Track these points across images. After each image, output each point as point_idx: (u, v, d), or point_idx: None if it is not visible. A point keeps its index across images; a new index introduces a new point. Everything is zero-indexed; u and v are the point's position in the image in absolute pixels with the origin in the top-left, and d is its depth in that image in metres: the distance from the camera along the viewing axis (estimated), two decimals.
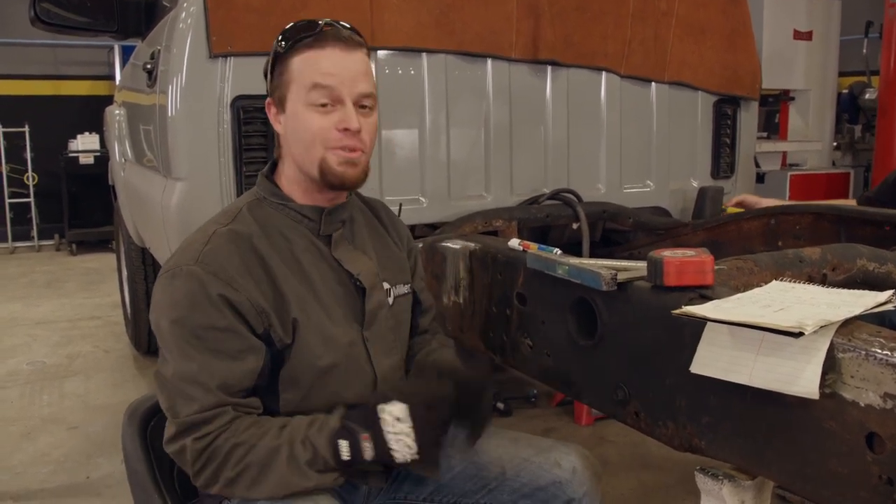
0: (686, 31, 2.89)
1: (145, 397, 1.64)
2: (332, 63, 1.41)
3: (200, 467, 1.31)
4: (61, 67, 8.57)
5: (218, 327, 1.33)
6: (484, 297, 1.98)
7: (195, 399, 1.31)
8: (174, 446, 1.34)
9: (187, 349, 1.33)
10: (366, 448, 1.28)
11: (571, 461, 1.53)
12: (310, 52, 1.42)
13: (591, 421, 3.40)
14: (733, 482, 1.29)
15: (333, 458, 1.29)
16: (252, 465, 1.29)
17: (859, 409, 1.07)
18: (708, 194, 2.93)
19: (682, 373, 1.27)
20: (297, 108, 1.43)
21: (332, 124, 1.41)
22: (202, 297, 1.33)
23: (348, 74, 1.42)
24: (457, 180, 2.55)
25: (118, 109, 3.76)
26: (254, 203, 1.49)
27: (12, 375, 4.23)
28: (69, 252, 8.06)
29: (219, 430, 1.31)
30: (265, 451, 1.30)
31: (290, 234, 1.46)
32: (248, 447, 1.30)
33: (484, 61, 2.54)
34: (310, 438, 1.30)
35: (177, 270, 1.37)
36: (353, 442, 1.29)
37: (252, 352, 1.36)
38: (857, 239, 2.18)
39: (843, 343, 1.08)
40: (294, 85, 1.43)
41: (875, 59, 6.44)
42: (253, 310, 1.36)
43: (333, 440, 1.29)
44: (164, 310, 1.37)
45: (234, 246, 1.39)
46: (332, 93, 1.41)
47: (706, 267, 1.36)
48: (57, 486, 2.96)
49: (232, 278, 1.35)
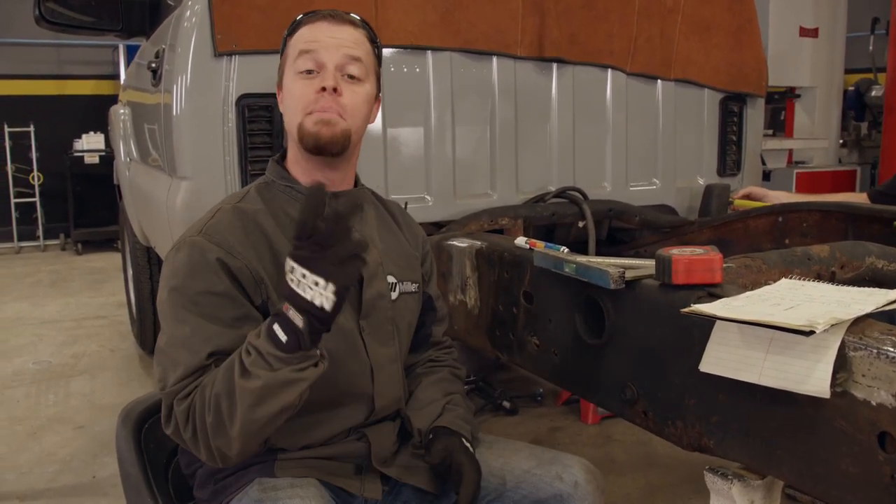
0: (692, 29, 2.88)
1: (139, 399, 1.62)
2: (318, 31, 1.46)
3: (192, 430, 1.27)
4: (66, 67, 8.57)
5: (215, 292, 1.33)
6: (490, 295, 1.97)
7: (181, 363, 1.30)
8: (169, 425, 1.31)
9: (182, 314, 1.32)
10: (293, 317, 1.17)
11: (573, 474, 1.48)
12: (302, 29, 1.48)
13: (597, 419, 3.39)
14: (743, 482, 1.28)
15: (276, 347, 1.19)
16: (220, 395, 1.24)
17: (871, 408, 1.06)
18: (714, 192, 2.92)
19: (691, 372, 1.26)
20: (287, 81, 1.48)
21: (313, 88, 1.43)
22: (200, 263, 1.34)
23: (332, 42, 1.45)
24: (462, 178, 2.54)
25: (123, 109, 3.76)
26: (262, 185, 1.51)
27: (18, 375, 4.23)
28: (74, 251, 8.07)
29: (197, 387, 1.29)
30: (222, 377, 1.25)
31: (296, 214, 1.43)
32: (212, 382, 1.26)
33: (489, 59, 2.53)
34: (250, 342, 1.23)
35: (181, 243, 1.39)
36: (281, 318, 1.19)
37: (248, 320, 1.34)
38: (865, 236, 2.17)
39: (854, 341, 1.07)
40: (288, 60, 1.48)
41: (881, 56, 6.42)
42: (251, 278, 1.36)
43: (269, 329, 1.20)
44: (165, 280, 1.38)
45: (237, 220, 1.42)
46: (314, 57, 1.44)
47: (715, 265, 1.35)
48: (63, 486, 2.96)
49: (231, 247, 1.36)
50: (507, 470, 1.50)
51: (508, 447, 1.57)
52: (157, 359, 1.36)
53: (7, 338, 4.96)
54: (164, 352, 1.34)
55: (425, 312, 1.66)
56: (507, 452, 1.54)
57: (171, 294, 1.35)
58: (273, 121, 2.22)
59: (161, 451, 1.59)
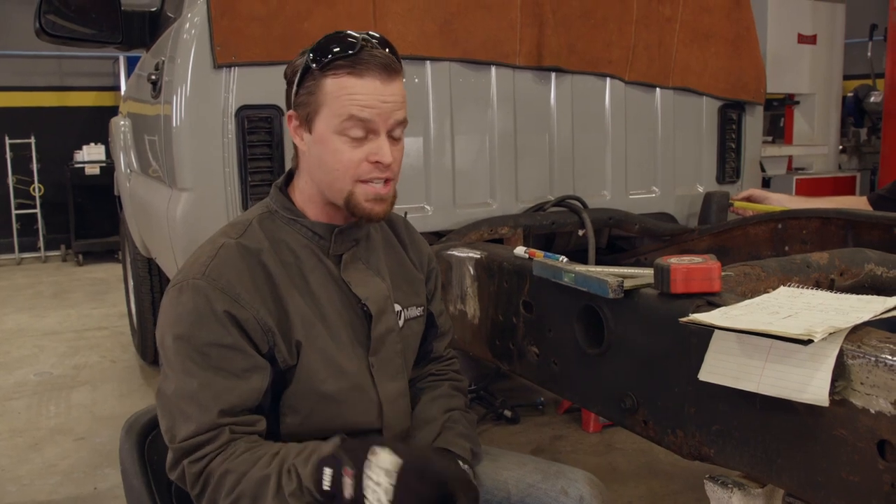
0: (690, 37, 2.89)
1: (143, 411, 1.61)
2: (372, 95, 1.35)
3: (199, 491, 1.28)
4: (67, 79, 8.59)
5: (223, 344, 1.29)
6: (490, 305, 1.97)
7: (192, 419, 1.27)
8: (175, 472, 1.31)
9: (190, 366, 1.29)
10: (346, 484, 1.19)
11: (578, 489, 1.46)
12: (347, 79, 1.34)
13: (598, 428, 3.39)
14: (743, 490, 1.28)
15: (316, 486, 1.21)
16: (244, 494, 1.24)
17: (870, 417, 1.06)
18: (714, 199, 2.93)
19: (691, 381, 1.26)
20: (327, 135, 1.37)
21: (364, 156, 1.37)
22: (207, 314, 1.30)
23: (387, 108, 1.36)
24: (462, 188, 2.54)
25: (123, 120, 3.77)
26: (265, 216, 1.45)
27: (20, 386, 4.23)
28: (75, 263, 8.07)
29: (214, 452, 1.27)
30: (255, 481, 1.24)
31: (300, 251, 1.42)
32: (240, 475, 1.25)
33: (488, 69, 2.54)
34: (296, 467, 1.24)
35: (184, 285, 1.33)
36: (336, 473, 1.20)
37: (257, 371, 1.32)
38: (865, 243, 2.16)
39: (852, 350, 1.08)
40: (326, 109, 1.36)
41: (880, 62, 6.42)
42: (259, 328, 1.32)
43: (320, 466, 1.22)
44: (168, 325, 1.33)
45: (241, 261, 1.36)
46: (367, 125, 1.36)
47: (713, 274, 1.35)
48: (64, 498, 2.96)
49: (238, 295, 1.32)
50: (512, 483, 1.49)
51: (513, 460, 1.55)
52: (164, 406, 1.32)
53: (8, 349, 4.96)
54: (171, 401, 1.30)
55: (427, 329, 1.64)
56: (512, 465, 1.53)
57: (176, 342, 1.31)
58: (273, 132, 2.22)
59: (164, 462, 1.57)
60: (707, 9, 2.93)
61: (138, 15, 3.16)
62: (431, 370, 1.66)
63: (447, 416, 1.55)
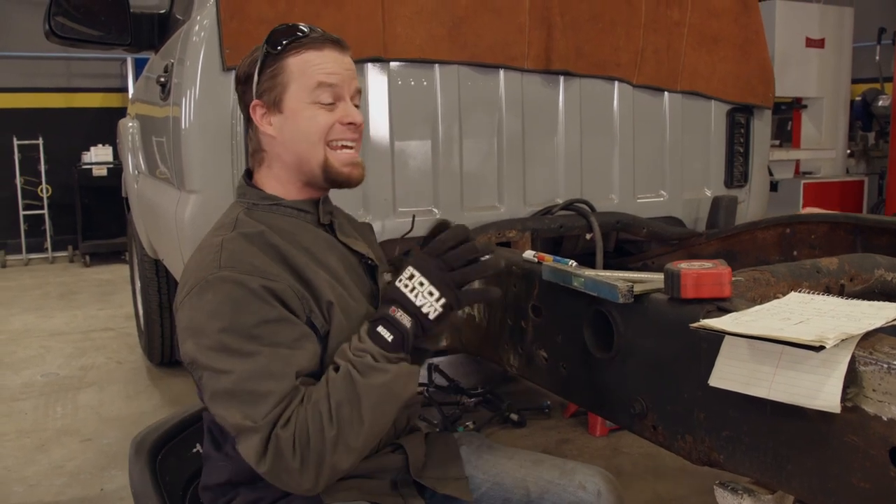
0: (699, 41, 2.89)
1: (150, 428, 1.58)
2: (334, 63, 1.47)
3: (303, 448, 1.24)
4: (74, 80, 8.62)
5: (269, 320, 1.29)
6: (499, 309, 1.97)
7: (271, 392, 1.26)
8: (265, 461, 1.25)
9: (247, 349, 1.27)
10: (401, 318, 1.31)
11: (596, 484, 1.51)
12: (309, 53, 1.46)
13: (605, 432, 3.38)
14: (753, 496, 1.28)
15: (383, 346, 1.30)
16: (341, 403, 1.26)
17: (882, 424, 1.06)
18: (722, 203, 2.93)
19: (701, 386, 1.26)
20: (300, 107, 1.46)
21: (336, 119, 1.46)
22: (244, 296, 1.29)
23: (347, 74, 1.49)
24: (470, 191, 2.55)
25: (131, 122, 3.78)
26: (247, 210, 1.48)
27: (27, 387, 4.24)
28: (83, 264, 8.09)
29: (291, 410, 1.27)
30: (340, 386, 1.27)
31: (293, 229, 1.46)
32: (324, 396, 1.27)
33: (496, 72, 2.54)
34: (356, 347, 1.31)
35: (203, 284, 1.31)
36: (387, 321, 1.32)
37: (306, 338, 1.34)
38: (874, 248, 2.16)
39: (864, 356, 1.07)
40: (294, 84, 1.45)
41: (888, 66, 6.43)
42: (295, 296, 1.34)
43: (372, 332, 1.32)
44: (204, 325, 1.30)
45: (250, 245, 1.38)
46: (335, 90, 1.46)
47: (723, 279, 1.35)
48: (71, 499, 2.96)
49: (265, 271, 1.33)
50: (531, 481, 1.53)
51: (530, 458, 1.59)
52: (229, 400, 1.28)
53: (15, 350, 4.98)
54: (236, 393, 1.27)
55: None
56: (528, 463, 1.56)
57: (222, 335, 1.28)
58: None
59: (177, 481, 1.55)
60: (715, 13, 2.92)
61: (147, 17, 3.18)
62: None
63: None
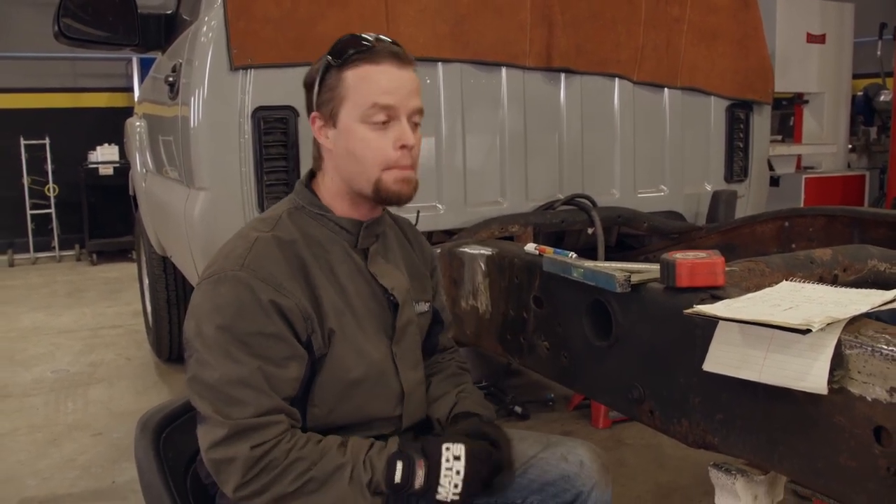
0: (698, 37, 2.92)
1: (156, 409, 1.62)
2: (390, 80, 1.42)
3: (252, 477, 1.28)
4: (80, 80, 8.66)
5: (266, 333, 1.32)
6: (501, 300, 2.01)
7: (247, 402, 1.29)
8: (223, 452, 1.29)
9: (235, 354, 1.31)
10: (418, 475, 1.33)
11: (578, 454, 1.54)
12: (365, 67, 1.42)
13: (608, 424, 3.42)
14: (746, 477, 1.32)
15: (386, 480, 1.33)
16: (314, 480, 1.29)
17: (866, 404, 1.10)
18: (722, 198, 2.96)
19: (695, 371, 1.30)
20: (352, 125, 1.43)
21: (390, 142, 1.43)
22: (251, 304, 1.32)
23: (405, 92, 1.43)
24: (473, 187, 2.59)
25: (139, 121, 3.83)
26: (293, 211, 1.49)
27: (37, 383, 4.30)
28: (90, 262, 8.13)
29: (277, 439, 1.30)
30: (331, 468, 1.31)
31: (328, 244, 1.47)
32: (311, 462, 1.30)
33: (498, 70, 2.58)
34: (370, 459, 1.33)
35: (222, 276, 1.35)
36: (408, 465, 1.33)
37: (295, 360, 1.36)
38: (871, 241, 2.19)
39: (850, 340, 1.11)
40: (349, 101, 1.42)
41: (889, 61, 6.44)
42: (300, 316, 1.36)
43: (392, 461, 1.34)
44: (207, 315, 1.34)
45: (279, 251, 1.39)
46: (389, 111, 1.42)
47: (717, 268, 1.39)
48: (83, 491, 3.01)
49: (280, 284, 1.35)
50: (515, 457, 1.53)
51: (515, 436, 1.59)
52: (205, 392, 1.32)
53: (25, 347, 5.03)
54: (215, 390, 1.31)
55: (432, 325, 1.69)
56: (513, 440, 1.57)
57: (217, 331, 1.32)
58: (288, 133, 2.27)
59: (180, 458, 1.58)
60: (714, 9, 2.96)
61: (154, 18, 3.22)
62: (437, 359, 1.72)
63: (460, 388, 1.64)
